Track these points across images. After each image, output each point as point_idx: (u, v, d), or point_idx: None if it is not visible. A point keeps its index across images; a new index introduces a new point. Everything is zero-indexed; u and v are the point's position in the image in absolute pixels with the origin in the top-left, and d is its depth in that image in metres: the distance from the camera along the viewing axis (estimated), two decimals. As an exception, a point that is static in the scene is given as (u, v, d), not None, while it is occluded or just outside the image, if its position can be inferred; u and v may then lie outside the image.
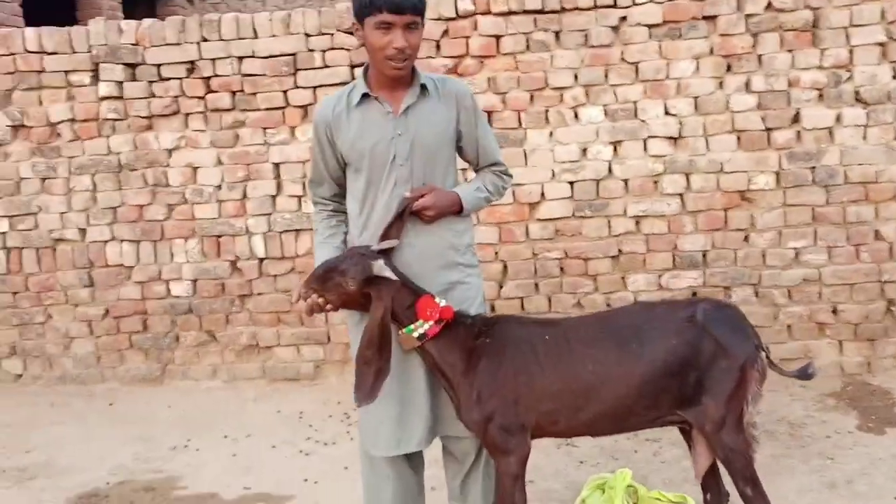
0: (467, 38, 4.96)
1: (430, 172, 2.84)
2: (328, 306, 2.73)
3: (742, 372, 2.67)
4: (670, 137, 4.92)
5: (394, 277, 2.66)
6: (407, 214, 2.77)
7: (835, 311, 4.96)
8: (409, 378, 2.86)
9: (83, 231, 5.35)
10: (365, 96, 2.81)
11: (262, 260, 5.27)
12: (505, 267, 5.13)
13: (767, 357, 2.77)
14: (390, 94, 2.80)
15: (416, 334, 2.70)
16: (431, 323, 2.69)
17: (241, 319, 5.34)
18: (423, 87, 2.82)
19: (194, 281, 5.33)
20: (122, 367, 5.44)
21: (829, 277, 4.92)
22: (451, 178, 2.94)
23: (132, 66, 5.17)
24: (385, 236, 2.76)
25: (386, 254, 2.74)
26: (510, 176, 3.06)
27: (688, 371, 2.65)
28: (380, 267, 2.65)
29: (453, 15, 4.94)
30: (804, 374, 2.84)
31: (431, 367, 2.79)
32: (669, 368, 2.64)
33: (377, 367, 2.68)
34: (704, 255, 4.99)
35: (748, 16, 4.78)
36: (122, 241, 5.33)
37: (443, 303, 2.73)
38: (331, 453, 4.38)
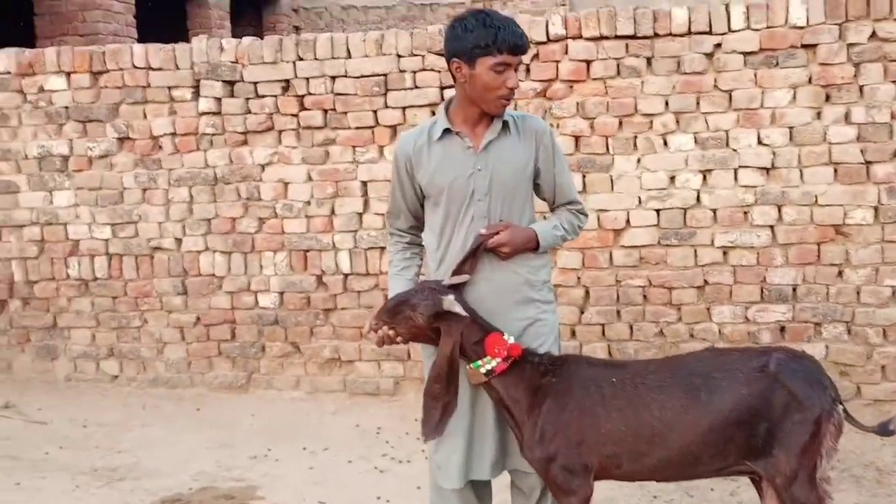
0: (557, 62, 4.94)
1: (507, 209, 2.85)
2: (398, 339, 2.78)
3: (817, 426, 2.58)
4: (762, 168, 4.79)
5: (464, 313, 2.68)
6: (482, 251, 2.79)
7: (934, 354, 4.75)
8: (479, 409, 2.88)
9: (179, 241, 5.56)
10: (447, 131, 2.84)
11: (346, 275, 5.37)
12: (587, 293, 5.09)
13: (845, 410, 2.67)
14: (472, 131, 2.83)
15: (483, 370, 2.71)
16: (499, 360, 2.70)
17: (325, 333, 5.45)
18: (505, 124, 2.84)
19: (281, 293, 5.47)
20: (211, 374, 5.63)
21: (929, 318, 4.72)
22: (529, 214, 2.94)
23: (231, 83, 5.35)
24: (458, 271, 2.78)
25: (457, 289, 2.76)
26: (586, 215, 3.05)
27: (758, 422, 2.58)
28: (450, 302, 2.67)
29: (544, 39, 4.93)
30: (885, 431, 2.72)
31: (497, 403, 2.79)
32: (738, 419, 2.58)
33: (445, 401, 2.71)
34: (794, 290, 4.84)
35: (850, 45, 4.61)
36: (214, 251, 5.51)
37: (511, 340, 2.73)
38: (405, 471, 4.43)
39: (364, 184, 5.29)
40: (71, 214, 5.67)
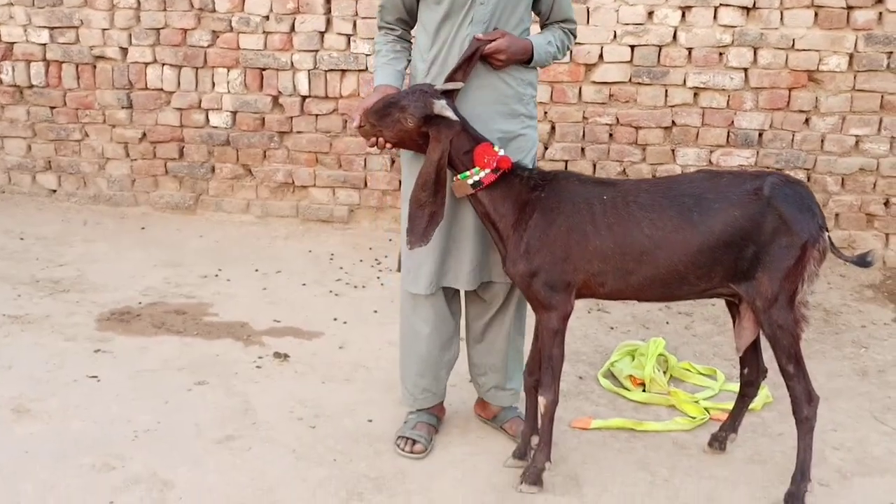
0: None
1: (507, 17, 2.73)
2: (385, 142, 2.65)
3: (803, 251, 2.57)
4: (743, 7, 4.65)
5: (455, 118, 2.55)
6: (476, 57, 2.64)
7: (887, 204, 4.82)
8: (458, 220, 2.82)
9: (124, 50, 5.21)
10: None
11: (304, 98, 5.14)
12: (553, 128, 4.98)
13: (829, 238, 2.67)
14: None
15: (470, 181, 2.61)
16: (488, 171, 2.60)
17: (279, 156, 5.25)
18: None
19: (234, 112, 5.22)
20: (156, 193, 5.42)
21: (888, 169, 4.76)
22: (525, 27, 2.82)
23: None
24: (451, 78, 2.63)
25: (449, 95, 2.62)
26: (575, 35, 2.98)
27: (747, 245, 2.56)
28: (441, 106, 2.53)
29: None
30: (863, 262, 2.74)
31: (481, 217, 2.71)
32: (728, 240, 2.55)
33: (431, 210, 2.60)
34: (761, 135, 4.82)
35: None
36: (163, 64, 5.19)
37: (501, 152, 2.63)
38: (360, 296, 4.38)
39: (327, 0, 4.98)
40: (4, 14, 5.24)
